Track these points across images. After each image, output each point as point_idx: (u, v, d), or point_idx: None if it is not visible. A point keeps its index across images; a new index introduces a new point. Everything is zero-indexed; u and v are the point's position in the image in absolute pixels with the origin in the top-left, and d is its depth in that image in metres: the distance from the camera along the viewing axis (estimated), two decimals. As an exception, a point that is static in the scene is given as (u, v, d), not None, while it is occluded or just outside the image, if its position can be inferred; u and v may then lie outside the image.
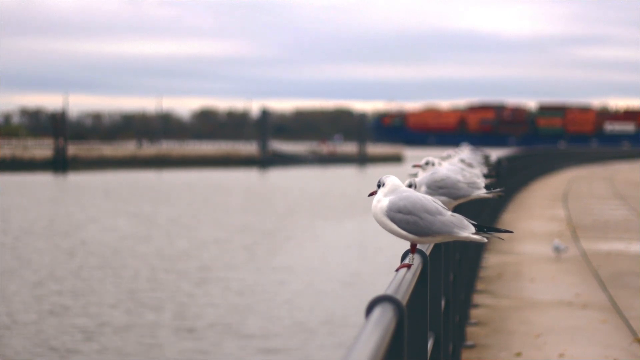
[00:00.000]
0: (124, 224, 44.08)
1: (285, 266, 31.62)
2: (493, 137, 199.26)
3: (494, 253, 18.92)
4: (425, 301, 5.29)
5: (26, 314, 23.34)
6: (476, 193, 8.25)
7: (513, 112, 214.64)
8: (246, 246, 36.55)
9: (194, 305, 24.73)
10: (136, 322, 22.55)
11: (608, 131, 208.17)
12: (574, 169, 63.17)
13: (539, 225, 24.85)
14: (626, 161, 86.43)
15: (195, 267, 31.03)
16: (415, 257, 5.21)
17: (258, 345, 20.53)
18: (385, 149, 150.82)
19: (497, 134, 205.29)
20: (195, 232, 41.26)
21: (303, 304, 24.99)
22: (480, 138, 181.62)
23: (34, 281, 27.92)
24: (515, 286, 15.15)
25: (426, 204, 5.29)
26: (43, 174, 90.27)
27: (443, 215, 5.32)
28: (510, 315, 12.73)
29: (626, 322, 12.14)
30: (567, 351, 10.62)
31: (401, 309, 3.72)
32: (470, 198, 8.35)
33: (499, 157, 26.33)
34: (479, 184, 8.29)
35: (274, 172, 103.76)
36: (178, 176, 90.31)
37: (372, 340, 3.06)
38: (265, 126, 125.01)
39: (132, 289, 26.83)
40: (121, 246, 35.99)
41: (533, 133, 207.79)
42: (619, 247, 20.32)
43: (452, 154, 12.01)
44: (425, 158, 8.70)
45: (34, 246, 35.65)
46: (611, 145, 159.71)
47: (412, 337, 5.21)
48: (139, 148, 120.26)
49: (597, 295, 14.25)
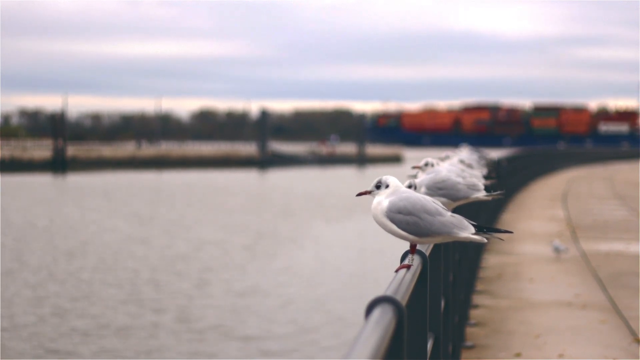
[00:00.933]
0: (124, 225, 44.07)
1: (285, 267, 31.62)
2: (488, 138, 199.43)
3: (493, 253, 18.92)
4: (424, 302, 5.29)
5: (25, 315, 23.33)
6: (475, 195, 8.22)
7: (508, 112, 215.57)
8: (246, 247, 36.55)
9: (193, 306, 24.72)
10: (136, 323, 22.55)
11: (603, 132, 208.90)
12: (573, 169, 63.18)
13: (539, 225, 24.86)
14: (626, 161, 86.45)
15: (195, 268, 31.03)
16: (415, 257, 5.21)
17: (258, 347, 20.53)
18: (384, 149, 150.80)
19: (492, 134, 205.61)
20: (194, 233, 41.25)
21: (303, 305, 24.99)
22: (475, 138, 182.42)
23: (33, 282, 27.91)
24: (514, 286, 15.15)
25: (426, 205, 5.30)
26: (42, 175, 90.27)
27: (443, 215, 5.32)
28: (509, 315, 12.73)
29: (626, 323, 12.14)
30: (566, 351, 10.62)
31: (401, 309, 3.72)
32: (470, 200, 8.33)
33: (499, 157, 26.34)
34: (479, 186, 8.25)
35: (273, 173, 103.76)
36: (177, 177, 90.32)
37: (371, 341, 3.06)
38: (264, 127, 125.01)
39: (132, 291, 26.83)
40: (120, 247, 35.98)
41: (528, 133, 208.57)
42: (618, 247, 20.32)
43: (451, 154, 11.99)
44: (424, 159, 8.70)
45: (33, 247, 35.64)
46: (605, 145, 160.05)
47: (411, 337, 5.21)
48: (138, 149, 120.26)
49: (597, 295, 14.25)
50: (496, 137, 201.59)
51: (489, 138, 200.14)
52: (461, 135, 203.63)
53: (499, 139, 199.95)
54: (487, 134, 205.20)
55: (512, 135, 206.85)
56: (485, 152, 17.22)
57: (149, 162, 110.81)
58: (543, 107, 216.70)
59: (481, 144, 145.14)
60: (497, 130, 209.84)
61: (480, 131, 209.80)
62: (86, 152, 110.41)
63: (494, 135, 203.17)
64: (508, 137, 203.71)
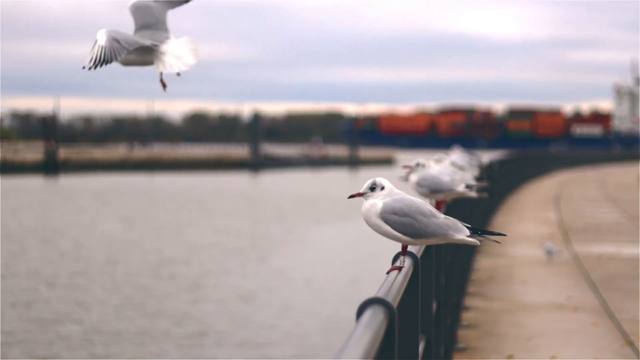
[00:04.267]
0: (115, 228, 44.00)
1: (278, 271, 31.58)
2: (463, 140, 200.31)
3: (485, 256, 18.92)
4: (416, 303, 5.27)
5: (16, 318, 23.25)
6: (458, 189, 8.67)
7: (484, 115, 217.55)
8: (238, 250, 36.50)
9: (185, 310, 24.67)
10: (128, 328, 22.48)
11: (577, 134, 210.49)
12: (565, 172, 63.26)
13: (531, 228, 24.87)
14: (618, 164, 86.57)
15: (187, 271, 30.97)
16: (407, 259, 5.20)
17: (250, 351, 20.49)
18: (376, 152, 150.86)
19: (467, 137, 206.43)
20: (186, 236, 41.19)
21: (296, 309, 24.95)
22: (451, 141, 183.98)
23: (25, 285, 27.82)
24: (507, 289, 15.15)
25: (420, 207, 5.29)
26: (34, 178, 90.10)
27: (437, 217, 5.31)
28: (502, 318, 12.72)
29: (617, 325, 12.14)
30: (558, 354, 10.61)
31: (392, 311, 3.70)
32: (454, 194, 8.69)
33: (491, 160, 26.35)
34: (463, 183, 8.80)
35: (265, 175, 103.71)
36: (169, 179, 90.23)
37: (362, 343, 3.04)
38: (256, 129, 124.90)
39: (124, 294, 26.75)
40: (112, 250, 35.90)
41: (503, 136, 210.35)
42: (610, 249, 20.33)
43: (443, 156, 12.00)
44: (415, 159, 8.81)
45: (24, 250, 35.54)
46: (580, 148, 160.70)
47: (403, 339, 5.19)
48: (130, 151, 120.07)
49: (589, 298, 14.25)
50: (471, 140, 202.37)
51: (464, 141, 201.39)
52: (437, 138, 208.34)
53: (474, 141, 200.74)
54: (462, 137, 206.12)
55: (487, 138, 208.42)
56: (477, 154, 17.21)
57: (141, 165, 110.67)
58: (518, 110, 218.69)
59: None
60: (472, 133, 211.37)
61: (455, 134, 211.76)
62: (78, 154, 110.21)
63: (469, 138, 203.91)
64: (483, 139, 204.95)
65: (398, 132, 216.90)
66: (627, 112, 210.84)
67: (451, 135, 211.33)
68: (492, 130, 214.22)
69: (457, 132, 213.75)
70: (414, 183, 8.72)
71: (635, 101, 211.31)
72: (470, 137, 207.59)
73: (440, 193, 8.70)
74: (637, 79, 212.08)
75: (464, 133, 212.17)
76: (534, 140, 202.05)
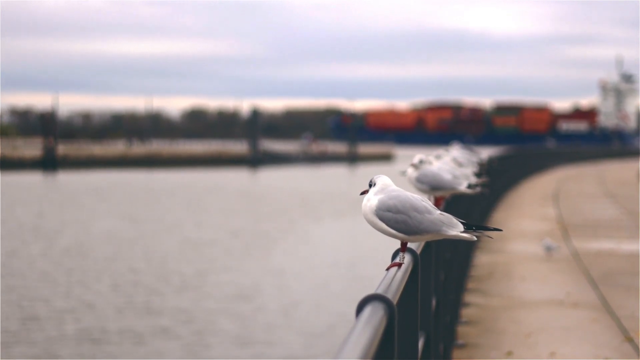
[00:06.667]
0: (114, 224, 43.99)
1: (278, 267, 31.58)
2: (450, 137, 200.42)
3: (484, 252, 18.92)
4: (415, 300, 5.26)
5: (13, 317, 23.23)
6: (459, 188, 8.74)
7: (471, 111, 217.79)
8: (238, 247, 36.50)
9: (184, 307, 24.66)
10: (129, 326, 22.46)
11: (563, 130, 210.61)
12: (564, 168, 63.27)
13: (530, 224, 24.87)
14: (616, 160, 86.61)
15: (186, 268, 30.96)
16: (406, 256, 5.19)
17: (252, 350, 20.49)
18: (375, 148, 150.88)
19: (454, 133, 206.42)
20: (185, 232, 41.18)
21: (295, 306, 24.95)
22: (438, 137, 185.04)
23: (23, 283, 27.81)
24: (506, 285, 15.14)
25: (415, 203, 5.29)
26: (33, 174, 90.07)
27: (432, 214, 5.31)
28: (501, 314, 12.71)
29: (617, 321, 12.13)
30: (558, 350, 10.61)
31: (391, 308, 3.68)
32: (455, 192, 8.77)
33: (490, 156, 26.36)
34: (464, 180, 8.91)
35: (264, 172, 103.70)
36: (168, 176, 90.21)
37: (362, 340, 3.03)
38: (255, 125, 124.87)
39: (123, 292, 26.73)
40: (111, 247, 35.89)
41: (489, 132, 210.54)
42: (609, 246, 20.33)
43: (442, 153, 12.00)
44: (417, 156, 8.84)
45: (22, 246, 35.53)
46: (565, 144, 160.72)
47: (402, 336, 5.18)
48: (129, 147, 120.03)
49: (588, 294, 14.24)
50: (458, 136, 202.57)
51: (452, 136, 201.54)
52: (425, 134, 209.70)
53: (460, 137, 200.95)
54: (450, 133, 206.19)
55: (474, 134, 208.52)
56: (477, 150, 17.20)
57: (139, 161, 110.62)
58: (504, 106, 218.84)
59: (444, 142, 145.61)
60: (459, 129, 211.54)
61: (442, 130, 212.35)
62: (77, 150, 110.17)
63: (456, 134, 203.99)
64: (470, 135, 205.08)
65: (386, 128, 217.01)
66: (613, 108, 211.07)
67: (439, 131, 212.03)
68: (479, 126, 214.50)
69: (444, 128, 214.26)
70: (414, 179, 8.75)
71: (620, 97, 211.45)
72: (458, 133, 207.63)
73: (440, 190, 8.72)
74: (623, 75, 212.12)
75: (451, 129, 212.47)
76: (520, 136, 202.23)
